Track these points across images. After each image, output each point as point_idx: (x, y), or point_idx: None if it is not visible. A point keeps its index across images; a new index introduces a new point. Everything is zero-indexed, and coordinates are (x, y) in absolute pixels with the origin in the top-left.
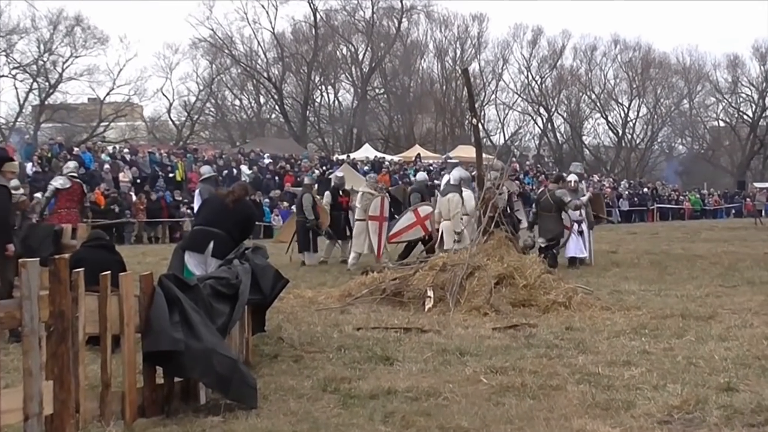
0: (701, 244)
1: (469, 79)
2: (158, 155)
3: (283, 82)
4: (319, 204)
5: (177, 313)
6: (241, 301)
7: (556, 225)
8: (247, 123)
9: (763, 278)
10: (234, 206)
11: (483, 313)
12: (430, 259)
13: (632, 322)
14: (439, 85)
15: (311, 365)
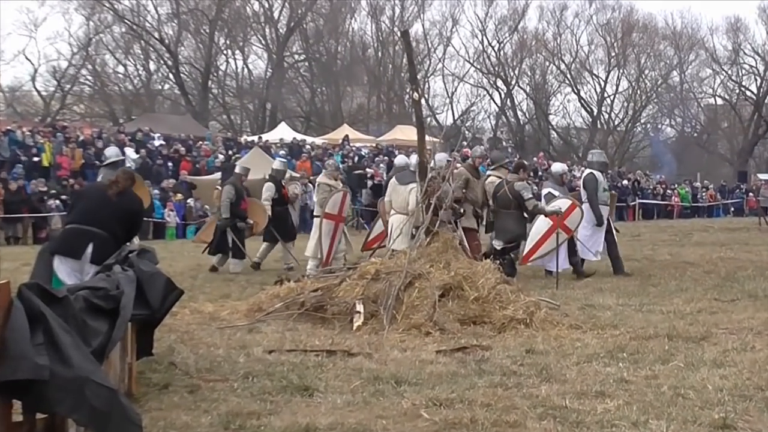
0: (693, 248)
1: (410, 44)
2: (19, 134)
3: (178, 45)
4: (247, 201)
5: (41, 332)
6: (122, 317)
7: (516, 224)
8: (134, 95)
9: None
10: (117, 199)
11: (424, 333)
12: (360, 266)
13: (607, 344)
14: (373, 50)
15: (210, 397)
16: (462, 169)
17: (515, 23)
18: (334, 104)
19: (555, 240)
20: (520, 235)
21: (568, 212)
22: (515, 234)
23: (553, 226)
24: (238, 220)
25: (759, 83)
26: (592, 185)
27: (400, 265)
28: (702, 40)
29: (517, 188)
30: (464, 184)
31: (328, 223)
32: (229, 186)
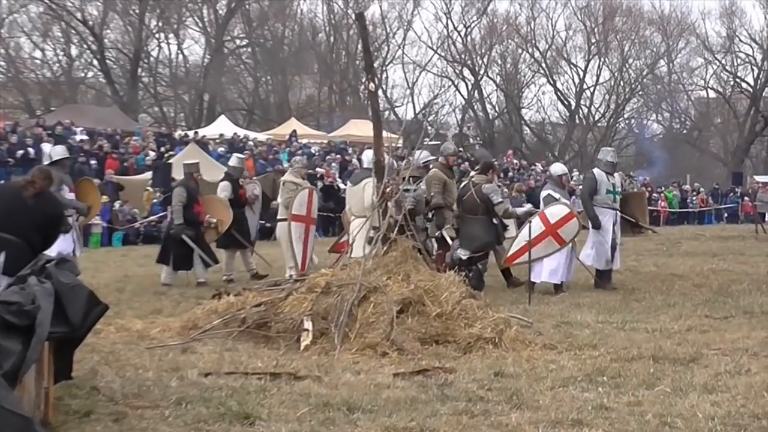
0: (681, 259)
1: (366, 28)
2: None
3: (104, 27)
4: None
5: None
6: (38, 335)
7: (484, 231)
8: (53, 84)
9: (764, 307)
10: (34, 202)
11: (381, 353)
12: (308, 278)
13: (585, 367)
14: (324, 35)
15: (138, 426)
16: (436, 171)
17: (484, 5)
18: (280, 95)
19: (543, 248)
20: (489, 243)
21: (564, 221)
22: (484, 242)
23: (545, 232)
24: (186, 227)
25: (756, 74)
26: (588, 185)
27: (354, 277)
28: (693, 25)
29: (486, 191)
30: (442, 187)
31: (297, 225)
32: (180, 188)
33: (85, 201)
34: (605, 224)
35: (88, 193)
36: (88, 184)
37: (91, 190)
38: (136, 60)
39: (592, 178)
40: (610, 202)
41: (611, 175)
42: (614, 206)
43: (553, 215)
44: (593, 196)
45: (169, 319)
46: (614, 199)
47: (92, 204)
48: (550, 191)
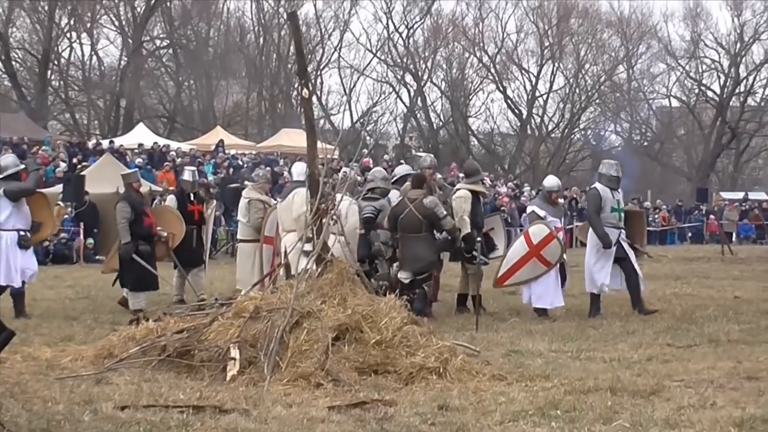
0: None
1: (299, 29)
2: None
3: (9, 25)
4: (152, 214)
5: None
6: None
7: (427, 250)
8: None
9: (731, 335)
10: None
11: (314, 384)
12: (236, 302)
13: (537, 399)
14: (253, 36)
15: None
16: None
17: (428, 5)
18: (204, 102)
19: (531, 270)
20: (433, 263)
21: (545, 242)
22: (427, 262)
23: (529, 253)
24: (141, 242)
25: (722, 82)
26: (593, 202)
27: (285, 301)
28: (654, 28)
29: (428, 205)
30: None
31: (268, 248)
32: (122, 203)
33: (36, 217)
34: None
35: (39, 208)
36: (41, 198)
37: (43, 205)
38: (45, 62)
39: (596, 194)
40: (615, 221)
41: (616, 191)
42: (619, 225)
43: (536, 235)
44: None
45: (82, 346)
46: (619, 217)
47: (44, 221)
48: (535, 208)
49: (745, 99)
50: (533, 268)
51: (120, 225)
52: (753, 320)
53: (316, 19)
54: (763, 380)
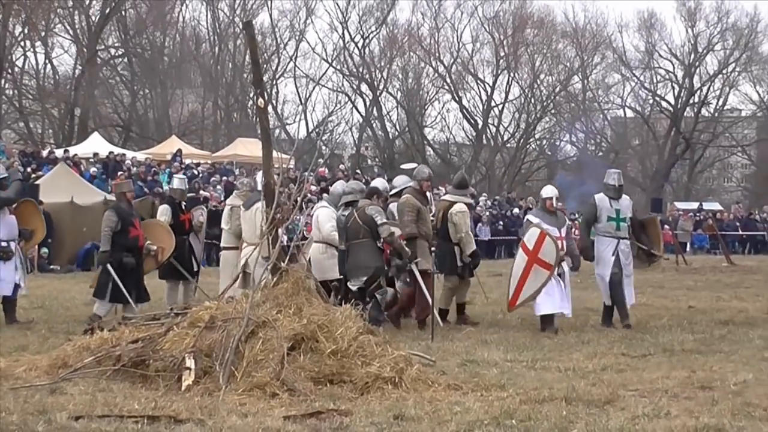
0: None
1: (254, 38)
2: None
3: None
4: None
5: None
6: None
7: (371, 257)
8: None
9: (685, 344)
10: None
11: (270, 394)
12: (191, 311)
13: (493, 409)
14: (208, 45)
15: None
16: (409, 197)
17: (383, 15)
18: (160, 111)
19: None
20: (379, 269)
21: (539, 244)
22: (372, 268)
23: (529, 261)
24: (125, 254)
25: (677, 92)
26: (587, 211)
27: (241, 311)
28: (609, 38)
29: (369, 212)
30: (416, 215)
31: None
32: (110, 211)
33: (27, 225)
34: (604, 256)
35: (30, 216)
36: (31, 206)
37: (33, 213)
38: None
39: (592, 204)
40: (612, 231)
41: (615, 200)
42: (617, 235)
43: (530, 240)
44: (592, 224)
45: (36, 356)
46: (617, 226)
47: (35, 228)
48: (530, 216)
49: (699, 109)
50: (536, 275)
51: (103, 233)
52: (707, 330)
53: (272, 28)
54: (717, 389)
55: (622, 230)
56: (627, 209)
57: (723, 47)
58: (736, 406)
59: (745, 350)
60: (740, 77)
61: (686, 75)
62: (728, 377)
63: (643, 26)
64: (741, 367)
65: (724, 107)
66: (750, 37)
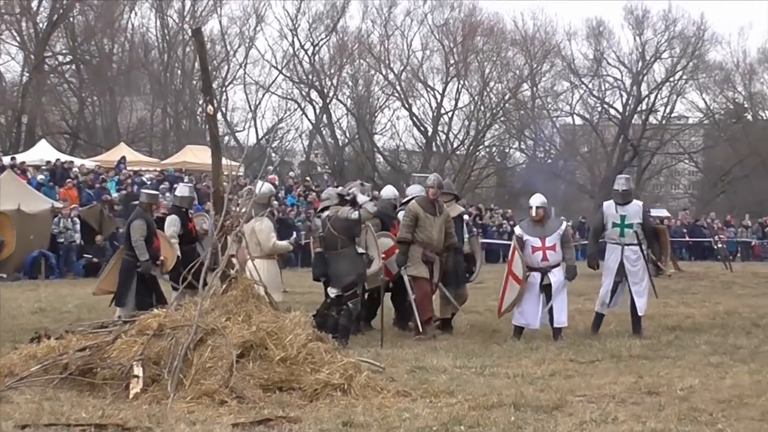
0: None
1: (204, 45)
2: None
3: None
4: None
5: None
6: None
7: (350, 266)
8: None
9: (633, 350)
10: None
11: (219, 401)
12: (139, 319)
13: (442, 415)
14: (157, 52)
15: None
16: (412, 204)
17: (333, 22)
18: (108, 118)
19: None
20: (359, 277)
21: (511, 256)
22: (351, 278)
23: (507, 273)
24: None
25: (625, 100)
26: (596, 218)
27: (189, 319)
28: (558, 46)
29: (341, 216)
30: (414, 221)
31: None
32: (140, 220)
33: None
34: (608, 263)
35: (2, 228)
36: (4, 218)
37: (6, 225)
38: None
39: (599, 212)
40: (616, 237)
41: (621, 205)
42: (621, 241)
43: (509, 254)
44: (600, 232)
45: None
46: (621, 233)
47: (7, 240)
48: (517, 228)
49: (646, 117)
50: (511, 287)
51: (137, 243)
52: (654, 335)
53: (221, 35)
54: (664, 395)
55: (627, 237)
56: (635, 215)
57: (670, 55)
58: (682, 411)
59: (692, 356)
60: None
61: (634, 83)
62: (675, 382)
63: (591, 34)
64: (687, 373)
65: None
66: (697, 46)
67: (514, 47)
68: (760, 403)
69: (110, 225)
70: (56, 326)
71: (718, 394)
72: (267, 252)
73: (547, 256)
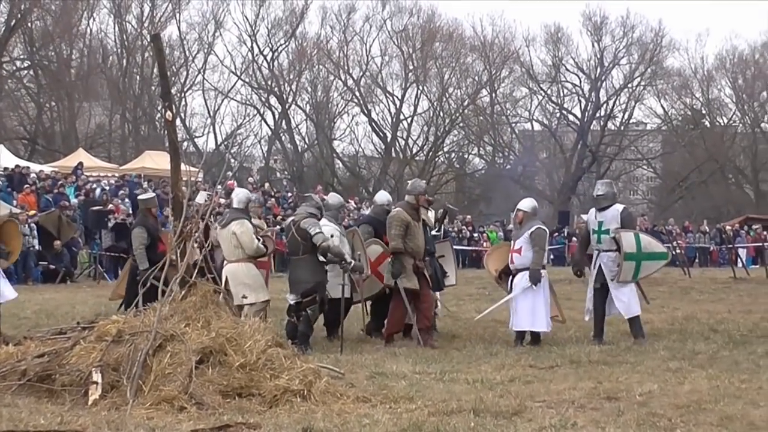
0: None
1: (162, 51)
2: None
3: None
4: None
5: None
6: None
7: (310, 272)
8: None
9: (592, 356)
10: None
11: (178, 408)
12: (98, 325)
13: (401, 421)
14: (116, 58)
15: None
16: (399, 211)
17: (292, 28)
18: (66, 124)
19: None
20: (319, 284)
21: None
22: (310, 284)
23: None
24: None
25: (583, 106)
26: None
27: (148, 325)
28: (517, 52)
29: (304, 225)
30: (404, 230)
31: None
32: (139, 228)
33: (7, 245)
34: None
35: (11, 236)
36: (12, 226)
37: (14, 233)
38: None
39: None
40: (594, 243)
41: (600, 211)
42: (598, 247)
43: None
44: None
45: None
46: (598, 239)
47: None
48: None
49: (605, 123)
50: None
51: (137, 251)
52: (613, 341)
53: (180, 41)
54: (623, 400)
55: (604, 243)
56: (611, 221)
57: (628, 61)
58: (641, 417)
59: (651, 361)
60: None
61: (592, 89)
62: (634, 388)
63: (550, 40)
64: (646, 378)
65: (630, 121)
66: (655, 52)
67: (473, 53)
68: (718, 409)
69: (68, 231)
70: (14, 332)
71: (677, 400)
72: (251, 254)
73: (513, 258)
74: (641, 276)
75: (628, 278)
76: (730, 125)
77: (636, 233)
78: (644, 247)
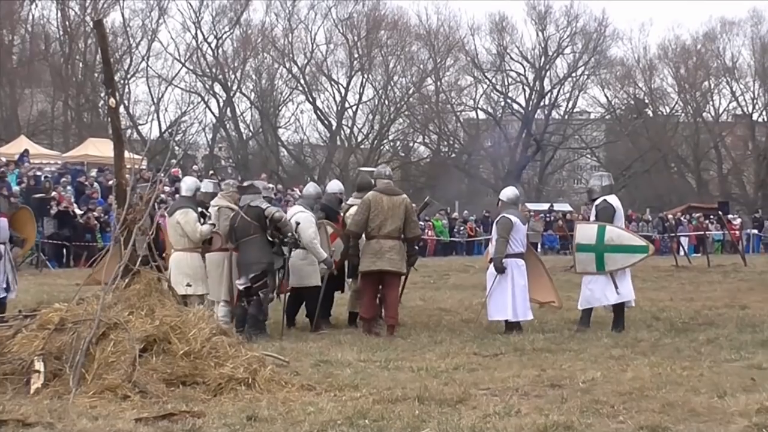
0: (449, 292)
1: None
2: None
3: None
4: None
5: None
6: None
7: (259, 252)
8: None
9: (536, 344)
10: None
11: (121, 396)
12: (41, 313)
13: (346, 409)
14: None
15: None
16: (370, 195)
17: (237, 15)
18: (8, 110)
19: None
20: (270, 265)
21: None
22: (265, 264)
23: None
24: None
25: (528, 94)
26: None
27: (91, 313)
28: (462, 41)
29: (254, 204)
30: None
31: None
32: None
33: (21, 232)
34: None
35: (25, 224)
36: (27, 214)
37: (28, 221)
38: None
39: None
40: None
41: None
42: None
43: None
44: None
45: None
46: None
47: (28, 237)
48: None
49: (549, 112)
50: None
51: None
52: (557, 329)
53: (124, 27)
54: (566, 387)
55: None
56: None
57: (572, 51)
58: (584, 404)
59: (594, 349)
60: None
61: (537, 78)
62: (577, 375)
63: (494, 29)
64: (590, 366)
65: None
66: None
67: (418, 42)
68: (660, 396)
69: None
70: None
71: (620, 387)
72: (195, 243)
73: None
74: (613, 268)
75: (590, 269)
76: (673, 114)
77: (601, 225)
78: (610, 239)
